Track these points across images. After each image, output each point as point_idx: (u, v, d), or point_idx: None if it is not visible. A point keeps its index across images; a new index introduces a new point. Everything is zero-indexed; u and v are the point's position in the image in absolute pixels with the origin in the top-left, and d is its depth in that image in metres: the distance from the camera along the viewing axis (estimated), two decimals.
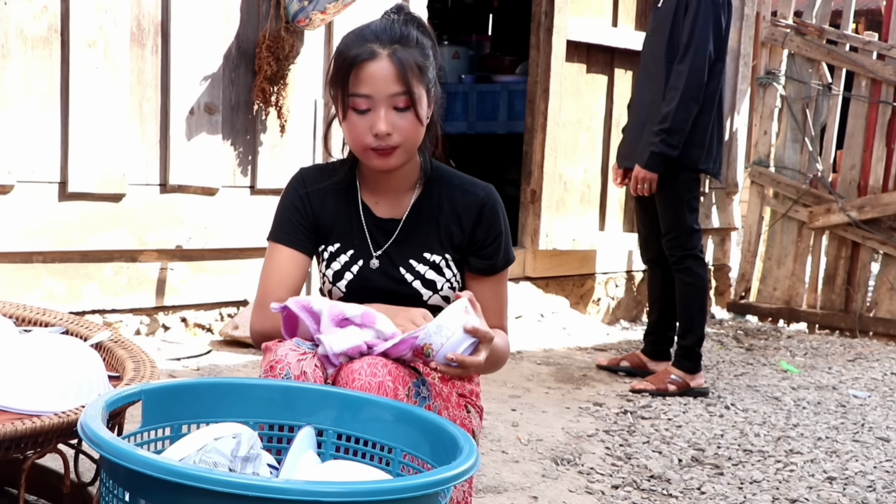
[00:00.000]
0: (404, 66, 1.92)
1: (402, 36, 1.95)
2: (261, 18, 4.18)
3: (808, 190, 6.20)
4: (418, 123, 1.96)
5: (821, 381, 4.58)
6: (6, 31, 3.54)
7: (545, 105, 5.39)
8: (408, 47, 1.94)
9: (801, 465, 3.27)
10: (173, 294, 4.08)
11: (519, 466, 3.07)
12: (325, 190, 2.09)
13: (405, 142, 1.96)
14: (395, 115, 1.93)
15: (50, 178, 3.71)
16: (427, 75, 1.97)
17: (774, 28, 6.27)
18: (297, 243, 2.07)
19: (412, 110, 1.94)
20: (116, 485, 1.42)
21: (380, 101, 1.93)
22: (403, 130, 1.94)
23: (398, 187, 2.08)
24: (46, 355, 1.97)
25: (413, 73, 1.93)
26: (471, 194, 2.08)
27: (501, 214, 2.10)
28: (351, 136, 1.98)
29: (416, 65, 1.94)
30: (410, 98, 1.93)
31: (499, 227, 2.09)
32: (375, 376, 1.77)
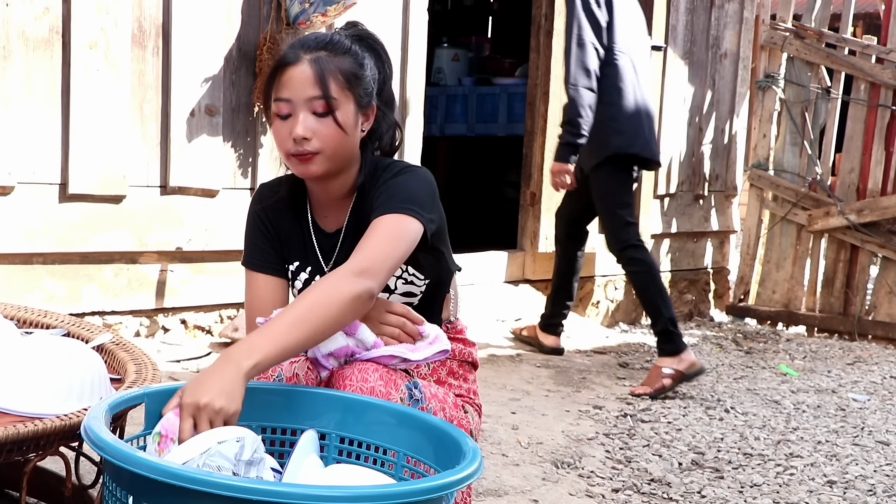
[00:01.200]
0: (323, 71, 1.90)
1: (332, 43, 1.94)
2: (262, 20, 4.18)
3: (808, 193, 6.20)
4: (339, 130, 1.92)
5: (820, 385, 4.59)
6: (7, 32, 3.54)
7: (545, 108, 5.39)
8: (335, 54, 1.93)
9: (802, 469, 3.27)
10: (173, 296, 4.08)
11: (519, 469, 3.07)
12: (279, 207, 2.08)
13: (325, 148, 1.92)
14: (313, 119, 1.91)
15: (50, 179, 3.70)
16: (359, 84, 1.94)
17: (773, 31, 6.27)
18: (268, 268, 2.07)
19: (332, 116, 1.91)
20: (119, 488, 1.42)
21: (299, 105, 1.91)
22: (322, 136, 1.91)
23: (337, 197, 2.04)
24: (48, 358, 1.97)
25: (335, 79, 1.91)
26: (391, 172, 2.01)
27: (410, 178, 1.98)
28: (276, 142, 1.97)
29: (341, 71, 1.92)
30: (328, 103, 1.90)
31: (398, 182, 1.96)
32: (367, 381, 1.77)
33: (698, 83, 6.29)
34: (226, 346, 4.13)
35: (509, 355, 4.71)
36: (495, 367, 4.44)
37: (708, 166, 6.43)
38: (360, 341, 1.84)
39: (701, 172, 6.38)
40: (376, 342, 1.85)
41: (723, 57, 6.44)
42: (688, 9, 6.13)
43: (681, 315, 6.50)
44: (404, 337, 1.88)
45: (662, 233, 6.19)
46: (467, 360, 2.14)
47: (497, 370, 4.39)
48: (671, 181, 6.19)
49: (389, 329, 1.88)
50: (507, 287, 5.46)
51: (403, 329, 1.89)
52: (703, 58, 6.31)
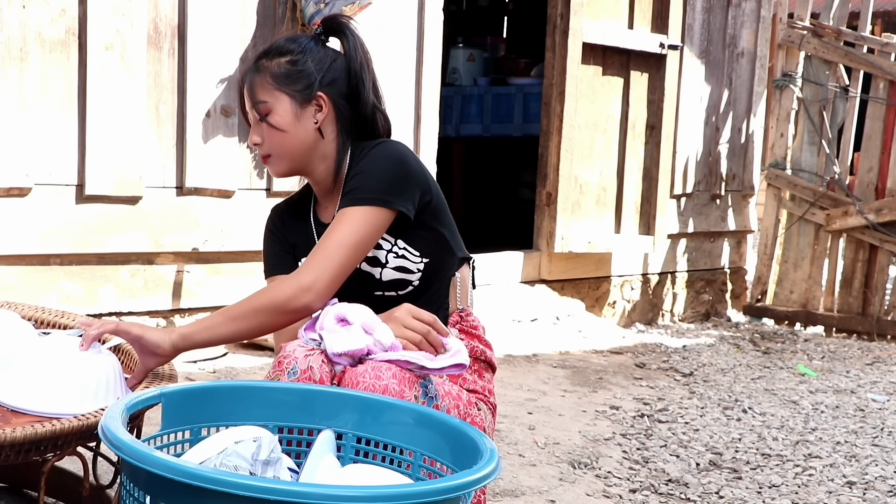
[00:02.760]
0: (252, 81, 2.05)
1: (270, 50, 2.07)
2: (277, 21, 4.18)
3: (826, 192, 6.17)
4: (276, 131, 2.04)
5: (839, 385, 4.56)
6: (24, 34, 3.56)
7: (561, 107, 5.38)
8: (272, 58, 2.05)
9: (820, 470, 3.25)
10: (189, 296, 4.09)
11: (536, 470, 3.06)
12: (289, 214, 2.21)
13: (273, 149, 2.06)
14: (259, 126, 2.06)
15: (67, 180, 3.72)
16: (294, 80, 2.03)
17: (791, 30, 6.24)
18: (287, 270, 2.12)
19: (265, 121, 2.04)
20: (137, 488, 1.41)
21: (251, 115, 2.08)
22: (267, 139, 2.06)
23: (328, 188, 2.14)
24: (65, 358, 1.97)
25: (263, 84, 2.04)
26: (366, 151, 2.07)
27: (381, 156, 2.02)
28: None
29: (270, 74, 2.04)
30: (256, 109, 2.04)
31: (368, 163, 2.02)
32: (380, 379, 1.77)
33: (715, 82, 6.26)
34: (242, 346, 4.14)
35: (525, 355, 4.70)
36: (511, 367, 4.43)
37: (725, 166, 6.40)
38: (378, 341, 1.84)
39: (718, 172, 6.36)
40: (394, 344, 1.85)
41: (740, 56, 6.41)
42: (704, 7, 6.11)
43: (697, 315, 6.49)
44: (426, 346, 1.89)
45: (679, 232, 6.17)
46: (482, 359, 2.13)
47: (513, 370, 4.38)
48: (688, 181, 6.17)
49: (412, 335, 1.89)
50: (523, 287, 5.45)
51: (427, 337, 1.89)
52: (720, 57, 6.28)
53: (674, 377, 4.61)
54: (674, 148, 5.94)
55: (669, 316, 6.32)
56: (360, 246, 1.96)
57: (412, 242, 2.05)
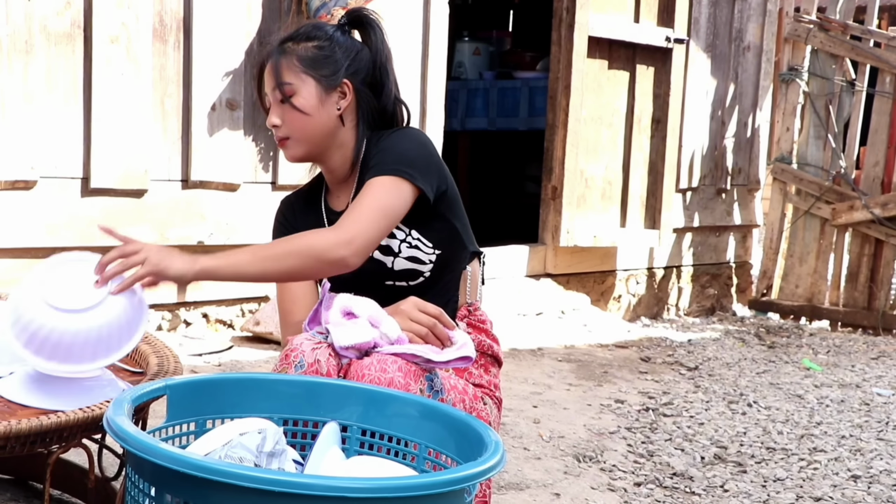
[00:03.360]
0: (279, 62, 2.03)
1: (298, 33, 2.07)
2: (282, 14, 4.18)
3: (831, 187, 6.15)
4: (299, 114, 2.02)
5: (844, 379, 4.55)
6: (30, 26, 3.56)
7: (566, 101, 5.37)
8: (298, 42, 2.05)
9: (825, 464, 3.25)
10: (195, 290, 4.09)
11: (541, 463, 3.07)
12: (298, 205, 2.19)
13: (293, 132, 2.04)
14: (281, 108, 2.04)
15: (72, 173, 3.72)
16: (321, 65, 2.03)
17: (797, 24, 6.22)
18: None
19: (289, 102, 2.02)
20: (142, 479, 1.42)
21: (271, 97, 2.06)
22: (288, 121, 2.03)
23: (342, 176, 2.13)
24: None
25: (290, 66, 2.02)
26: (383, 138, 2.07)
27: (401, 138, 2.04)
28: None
29: (298, 57, 2.03)
30: (281, 90, 2.02)
31: (390, 143, 2.03)
32: (385, 372, 1.77)
33: (721, 76, 6.25)
34: (247, 339, 4.14)
35: (530, 349, 4.70)
36: (517, 360, 4.43)
37: (731, 160, 6.39)
38: (384, 334, 1.84)
39: (723, 166, 6.35)
40: (400, 337, 1.85)
41: (746, 50, 6.39)
42: (710, 1, 6.10)
43: (703, 309, 6.48)
44: (432, 339, 1.89)
45: (685, 227, 6.16)
46: (488, 353, 2.13)
47: (518, 364, 4.38)
48: (693, 175, 6.16)
49: (418, 328, 1.89)
50: (529, 281, 5.45)
51: (433, 330, 1.89)
52: (726, 50, 6.27)
53: (679, 371, 4.61)
54: (679, 142, 5.93)
55: (675, 310, 6.32)
56: (391, 213, 1.93)
57: (426, 233, 2.06)
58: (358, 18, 2.12)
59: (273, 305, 4.14)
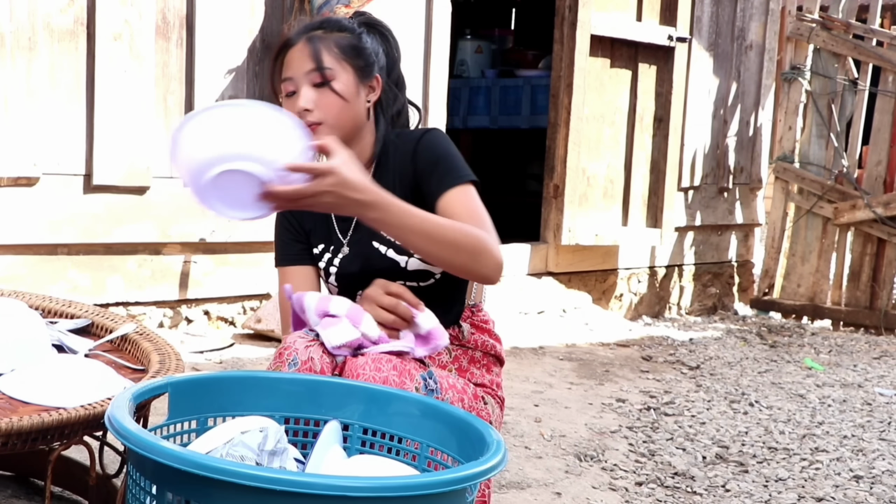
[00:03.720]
0: (317, 45, 1.99)
1: (328, 22, 2.04)
2: (285, 11, 4.18)
3: (834, 186, 6.15)
4: (339, 99, 1.99)
5: (846, 379, 4.55)
6: (33, 23, 3.56)
7: (568, 100, 5.37)
8: (330, 32, 2.02)
9: (827, 464, 3.24)
10: (196, 287, 4.09)
11: (542, 462, 3.06)
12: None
13: (327, 118, 1.98)
14: (313, 92, 1.98)
15: (75, 170, 3.72)
16: (358, 55, 2.01)
17: (800, 23, 6.21)
18: (300, 259, 2.12)
19: (328, 86, 1.98)
20: (143, 477, 1.42)
21: (299, 80, 1.99)
22: (323, 106, 1.98)
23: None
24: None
25: (329, 51, 1.99)
26: (410, 139, 2.08)
27: (442, 141, 2.06)
28: None
29: (337, 44, 2.00)
30: (322, 73, 1.97)
31: (438, 150, 2.04)
32: (380, 371, 1.77)
33: (723, 75, 6.25)
34: (249, 337, 4.14)
35: (532, 347, 4.70)
36: (518, 359, 4.43)
37: (733, 159, 6.39)
38: (365, 334, 1.84)
39: (725, 165, 6.34)
40: (381, 336, 1.85)
41: (748, 48, 6.39)
42: (713, 0, 6.09)
43: (704, 308, 6.48)
44: (400, 323, 1.88)
45: (686, 225, 6.16)
46: (491, 353, 2.12)
47: (520, 362, 4.38)
48: (695, 174, 6.16)
49: (385, 315, 1.87)
50: (530, 279, 5.44)
51: (396, 310, 1.88)
52: (729, 49, 6.27)
53: (680, 370, 4.61)
54: (682, 141, 5.93)
55: (676, 309, 6.32)
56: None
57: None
58: (371, 24, 2.11)
59: (274, 303, 4.14)
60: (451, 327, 2.08)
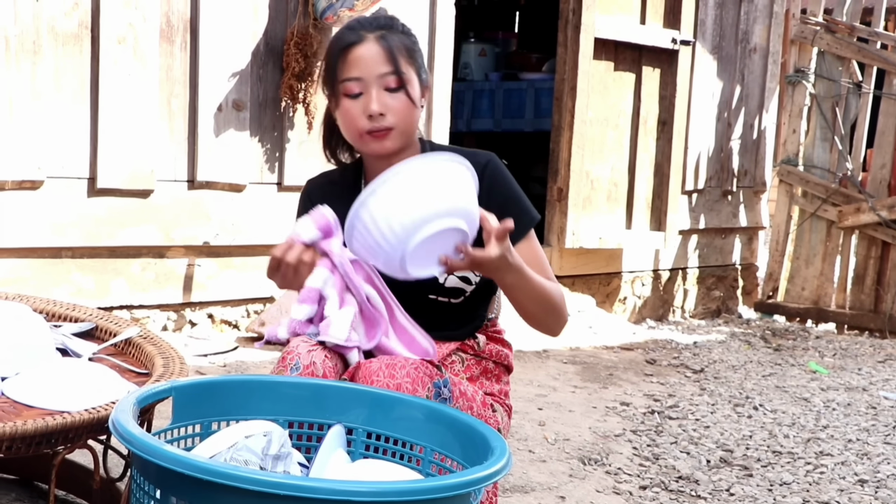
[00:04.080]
0: (392, 47, 1.93)
1: (388, 22, 1.99)
2: (289, 15, 4.18)
3: (838, 189, 6.14)
4: (411, 104, 1.94)
5: (850, 383, 4.54)
6: (38, 27, 3.56)
7: (572, 103, 5.37)
8: (394, 32, 1.97)
9: (832, 468, 3.24)
10: (200, 290, 4.09)
11: (546, 466, 3.06)
12: (329, 193, 2.07)
13: (399, 122, 1.94)
14: (386, 95, 1.92)
15: (79, 173, 3.72)
16: (416, 60, 1.98)
17: (804, 26, 6.21)
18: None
19: (403, 91, 1.93)
20: (147, 482, 1.41)
21: (370, 82, 1.92)
22: (396, 111, 1.93)
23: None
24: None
25: (402, 55, 1.94)
26: (472, 163, 1.99)
27: (507, 176, 2.04)
28: (345, 122, 1.96)
29: (405, 47, 1.96)
30: (400, 78, 1.92)
31: (508, 189, 2.02)
32: (394, 378, 1.76)
33: (727, 78, 6.24)
34: (252, 340, 4.14)
35: (536, 351, 4.69)
36: (522, 363, 4.42)
37: (736, 162, 6.38)
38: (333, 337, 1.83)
39: (729, 168, 6.34)
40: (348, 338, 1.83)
41: (752, 51, 6.38)
42: (717, 3, 6.09)
43: (708, 311, 6.47)
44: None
45: (690, 229, 6.16)
46: (503, 363, 2.12)
47: (524, 366, 4.37)
48: (699, 177, 6.15)
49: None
50: None
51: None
52: (732, 52, 6.26)
53: (684, 374, 4.60)
54: (685, 144, 5.92)
55: (680, 312, 6.31)
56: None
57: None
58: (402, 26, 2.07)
59: (278, 307, 4.14)
60: (468, 339, 2.08)
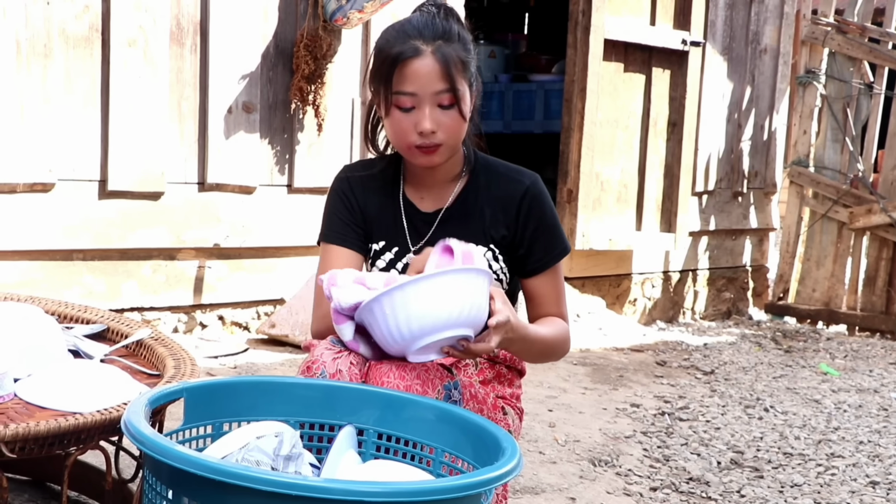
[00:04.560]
0: (448, 64, 1.89)
1: (445, 31, 1.92)
2: (299, 17, 4.19)
3: (849, 190, 6.12)
4: (462, 120, 1.93)
5: (862, 384, 4.53)
6: (48, 30, 3.58)
7: (582, 104, 5.36)
8: (451, 43, 1.91)
9: (843, 469, 3.23)
10: (211, 292, 4.10)
11: (556, 467, 3.06)
12: (368, 185, 2.07)
13: (448, 139, 1.93)
14: (439, 112, 1.90)
15: (90, 176, 3.74)
16: (470, 70, 1.94)
17: (815, 26, 6.19)
18: (349, 241, 2.04)
19: (456, 107, 1.91)
20: (159, 482, 1.42)
21: (424, 98, 1.90)
22: (447, 128, 1.92)
23: (443, 180, 2.05)
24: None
25: (457, 70, 1.90)
26: (515, 182, 2.03)
27: (547, 203, 2.04)
28: (394, 133, 1.95)
29: (460, 60, 1.91)
30: (455, 95, 1.90)
31: (544, 219, 2.03)
32: (404, 379, 1.76)
33: (737, 79, 6.23)
34: (263, 342, 4.15)
35: None
36: (532, 364, 4.42)
37: (747, 163, 6.37)
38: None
39: (740, 169, 6.33)
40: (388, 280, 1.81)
41: (762, 52, 6.37)
42: (727, 4, 6.08)
43: (719, 313, 6.46)
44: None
45: (701, 230, 6.14)
46: (516, 367, 2.12)
47: (534, 368, 4.36)
48: (709, 178, 6.14)
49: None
50: None
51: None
52: (743, 53, 6.25)
53: (695, 375, 4.59)
54: (696, 145, 5.91)
55: (690, 314, 6.30)
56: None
57: (510, 270, 2.06)
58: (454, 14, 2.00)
59: (288, 308, 4.15)
60: None
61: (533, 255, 2.03)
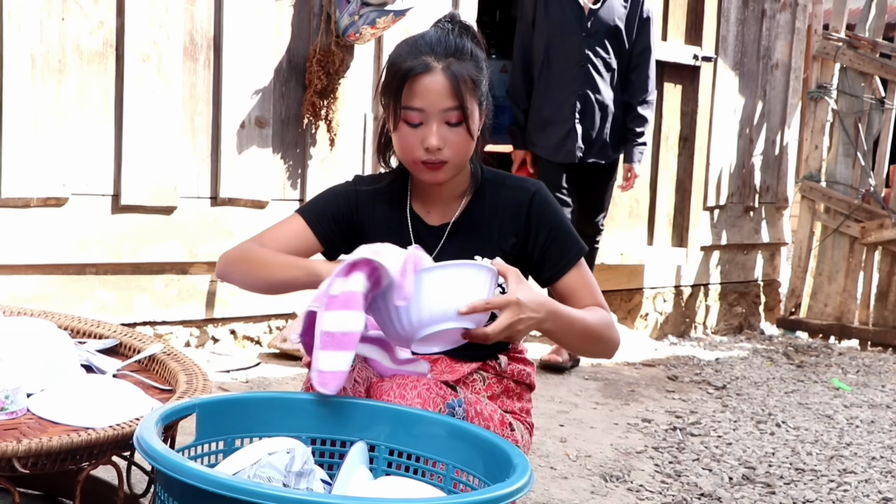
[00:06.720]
0: (458, 81, 1.89)
1: (458, 49, 1.93)
2: (311, 33, 4.21)
3: (861, 205, 6.11)
4: (469, 138, 1.94)
5: (874, 400, 4.51)
6: (63, 45, 3.60)
7: None
8: (462, 60, 1.92)
9: (855, 485, 3.22)
10: (223, 306, 4.11)
11: (567, 483, 3.05)
12: (375, 199, 2.08)
13: (454, 156, 1.94)
14: (446, 129, 1.91)
15: (103, 190, 3.75)
16: (480, 88, 1.95)
17: (826, 41, 6.19)
18: (318, 226, 2.05)
19: (464, 125, 1.92)
20: (171, 498, 1.43)
21: (432, 115, 1.91)
22: (454, 145, 1.92)
23: (449, 195, 2.06)
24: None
25: (466, 88, 1.91)
26: (520, 190, 2.04)
27: (554, 207, 2.04)
28: (401, 147, 1.96)
29: (471, 78, 1.92)
30: (463, 113, 1.90)
31: (554, 222, 2.03)
32: (404, 398, 1.76)
33: (749, 94, 6.23)
34: (274, 356, 4.15)
35: None
36: (543, 378, 4.41)
37: (759, 178, 6.36)
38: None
39: (751, 184, 6.32)
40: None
41: (774, 67, 6.37)
42: (738, 19, 6.08)
43: (730, 328, 6.44)
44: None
45: (712, 245, 6.14)
46: (525, 382, 2.12)
47: (545, 382, 4.36)
48: (721, 193, 6.13)
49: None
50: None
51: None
52: (754, 68, 6.25)
53: (706, 390, 4.58)
54: (707, 160, 5.91)
55: (702, 328, 6.28)
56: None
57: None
58: (469, 30, 2.01)
59: (300, 322, 4.15)
60: (489, 359, 2.08)
61: (548, 260, 2.02)
